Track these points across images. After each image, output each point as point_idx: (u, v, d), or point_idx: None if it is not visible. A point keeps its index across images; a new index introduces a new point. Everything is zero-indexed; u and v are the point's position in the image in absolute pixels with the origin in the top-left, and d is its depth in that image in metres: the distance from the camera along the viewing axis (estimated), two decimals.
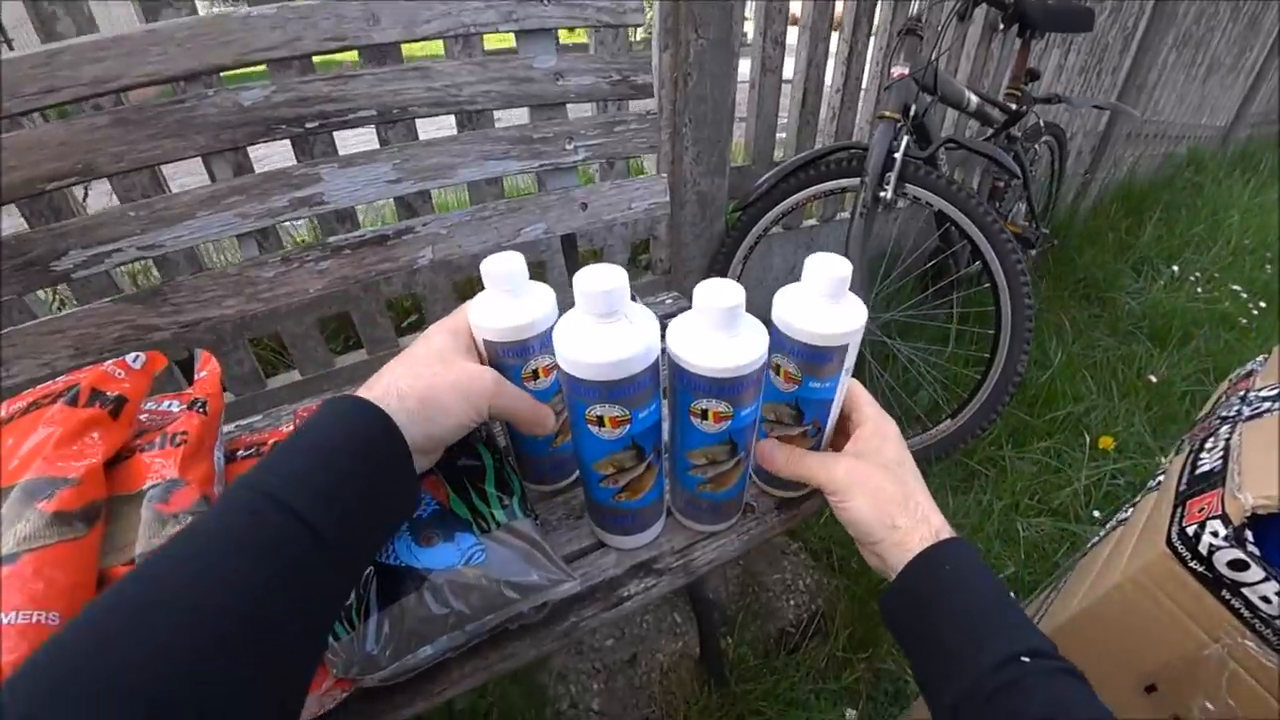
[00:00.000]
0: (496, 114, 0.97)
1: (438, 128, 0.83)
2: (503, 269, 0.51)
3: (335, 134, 0.93)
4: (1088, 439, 1.58)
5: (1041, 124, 2.02)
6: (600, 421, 0.47)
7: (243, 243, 0.76)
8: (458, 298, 1.32)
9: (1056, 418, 1.65)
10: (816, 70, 1.62)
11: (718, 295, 0.46)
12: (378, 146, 0.82)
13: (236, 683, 0.29)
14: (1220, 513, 0.50)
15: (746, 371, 0.47)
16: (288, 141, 0.81)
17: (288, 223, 1.05)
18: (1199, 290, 2.33)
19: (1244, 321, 2.15)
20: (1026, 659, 0.39)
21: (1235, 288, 2.33)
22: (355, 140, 0.82)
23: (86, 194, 1.24)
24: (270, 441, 0.62)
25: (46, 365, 0.71)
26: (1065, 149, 2.32)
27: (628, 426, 0.48)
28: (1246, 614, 0.49)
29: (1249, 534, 0.49)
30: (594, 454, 0.50)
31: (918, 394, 1.63)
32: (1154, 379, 1.82)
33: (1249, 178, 3.43)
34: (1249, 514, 0.48)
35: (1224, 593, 0.50)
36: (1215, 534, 0.49)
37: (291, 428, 0.65)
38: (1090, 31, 1.83)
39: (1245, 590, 0.48)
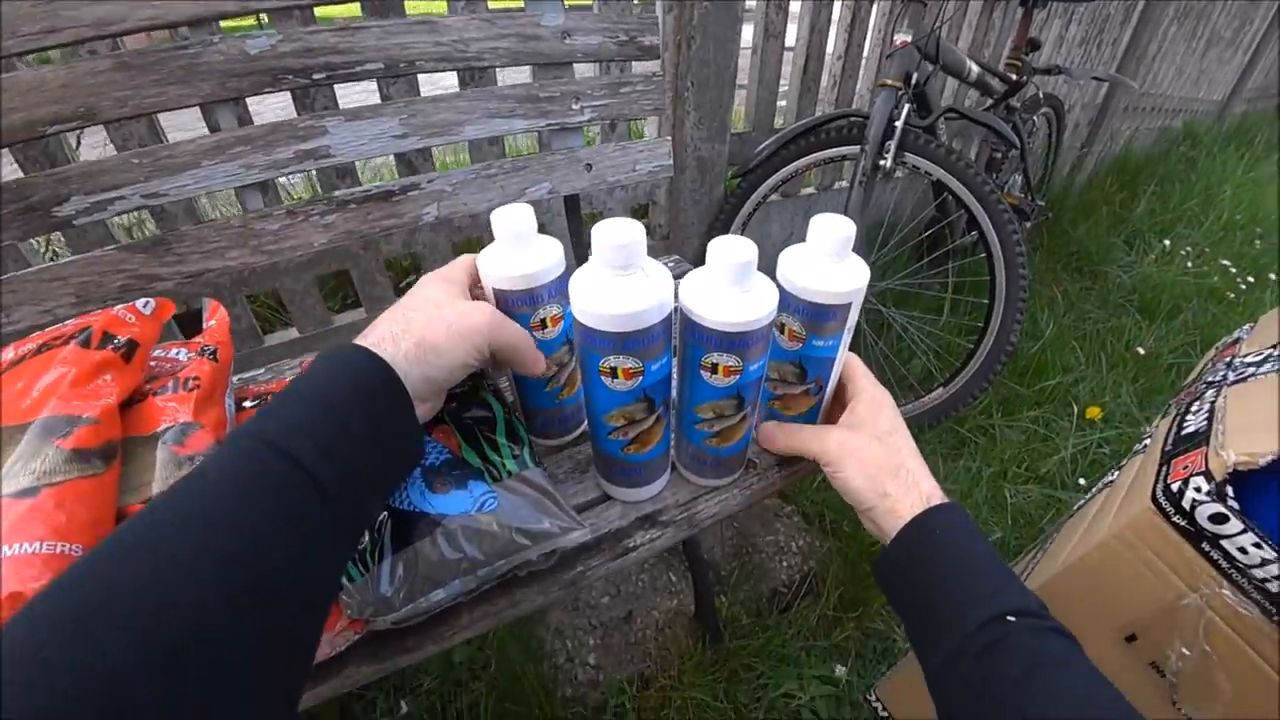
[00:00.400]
0: (499, 73, 0.96)
1: (432, 87, 0.83)
2: (512, 219, 0.51)
3: (337, 90, 0.92)
4: (1076, 409, 1.61)
5: (1040, 95, 2.01)
6: (613, 373, 0.48)
7: (247, 195, 0.76)
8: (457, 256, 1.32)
9: (1046, 388, 1.68)
10: (819, 36, 1.61)
11: (731, 251, 0.47)
12: (379, 102, 0.81)
13: (249, 624, 0.29)
14: (1204, 469, 0.52)
15: (757, 326, 0.48)
16: (285, 98, 0.81)
17: (286, 178, 1.04)
18: (1189, 265, 2.35)
19: (1231, 296, 2.18)
20: (1012, 618, 0.40)
21: (1225, 262, 2.35)
22: (356, 98, 0.81)
23: (79, 143, 1.22)
24: (277, 393, 0.63)
25: (48, 312, 0.71)
26: (1063, 121, 2.32)
27: (640, 378, 0.49)
28: (1225, 565, 0.51)
29: (1230, 489, 0.50)
30: (605, 405, 0.51)
31: (911, 362, 1.65)
32: (1142, 351, 1.85)
33: (1243, 153, 3.45)
34: (1230, 470, 0.50)
35: (1204, 545, 0.52)
36: (1198, 489, 0.51)
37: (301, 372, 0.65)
38: (1093, 1, 1.82)
39: (1224, 542, 0.51)
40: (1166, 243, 2.45)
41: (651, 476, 0.60)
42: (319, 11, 0.97)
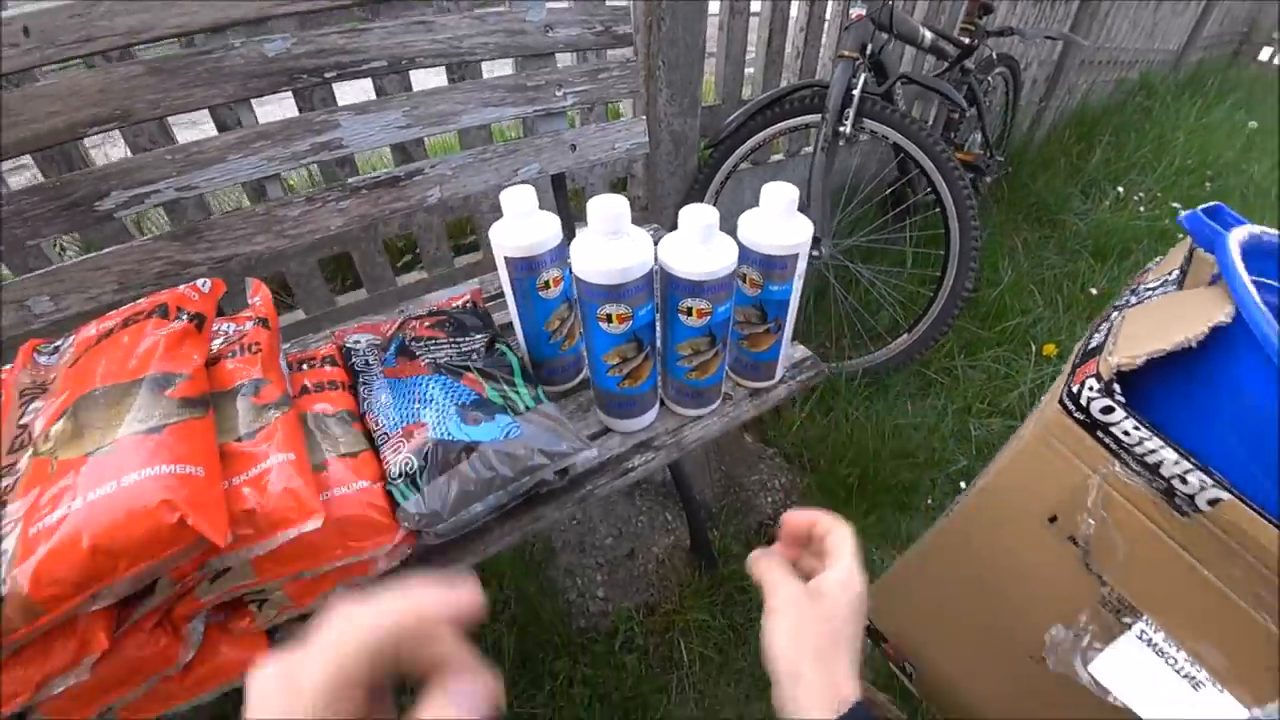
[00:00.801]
0: (484, 65, 1.04)
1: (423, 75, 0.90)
2: (519, 198, 0.62)
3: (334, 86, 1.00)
4: (1034, 348, 1.74)
5: (994, 56, 2.10)
6: (609, 319, 0.59)
7: (268, 184, 0.85)
8: (450, 236, 1.41)
9: (1006, 329, 1.80)
10: (781, 11, 1.69)
11: (697, 215, 0.57)
12: (382, 96, 0.90)
13: None
14: (1096, 373, 0.63)
15: (722, 274, 0.59)
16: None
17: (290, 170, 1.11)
18: (1141, 209, 2.48)
19: (1180, 236, 2.30)
20: None
21: (1175, 205, 2.48)
22: (347, 95, 0.89)
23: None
24: (319, 356, 0.73)
25: (93, 299, 0.79)
26: (1019, 79, 2.41)
27: (630, 323, 0.60)
28: (1115, 447, 0.63)
29: (1116, 387, 0.62)
30: (603, 347, 0.62)
31: (879, 314, 1.77)
32: (1095, 292, 1.98)
33: (1197, 100, 3.56)
34: (1115, 371, 0.61)
35: (1099, 433, 0.64)
36: (1091, 388, 0.63)
37: (330, 348, 0.75)
38: None
39: (1113, 429, 0.62)
40: (1120, 189, 2.57)
41: (644, 408, 0.71)
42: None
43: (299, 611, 0.59)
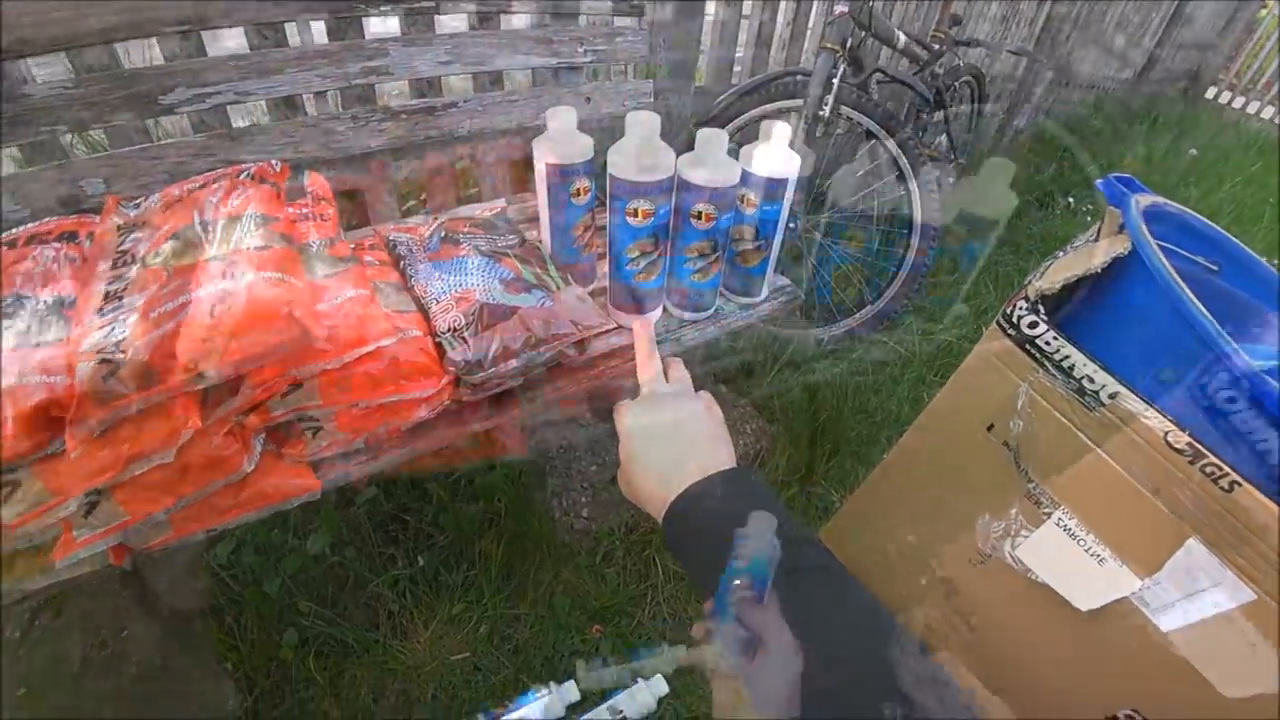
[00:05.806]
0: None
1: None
2: (563, 114, 0.73)
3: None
4: (983, 331, 1.90)
5: (961, 65, 2.28)
6: (635, 213, 0.71)
7: (318, 100, 0.94)
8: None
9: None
10: (771, 7, 1.83)
11: (712, 136, 0.70)
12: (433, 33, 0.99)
13: None
14: (1025, 296, 0.77)
15: (729, 185, 0.71)
16: None
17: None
18: (1088, 219, 2.69)
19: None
20: None
21: None
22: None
23: None
24: (366, 244, 0.83)
25: (142, 186, 0.84)
26: (984, 89, 2.60)
27: (652, 219, 0.72)
28: (1038, 356, 0.76)
29: (1040, 306, 0.76)
30: (627, 239, 0.73)
31: (847, 288, 1.91)
32: None
33: (1145, 128, 3.84)
34: (1040, 294, 0.75)
35: (1026, 346, 0.78)
36: (1021, 308, 0.77)
37: (376, 239, 0.85)
38: None
39: (1037, 340, 0.76)
40: (1070, 200, 2.79)
41: (653, 304, 0.82)
42: None
43: (344, 447, 0.68)
